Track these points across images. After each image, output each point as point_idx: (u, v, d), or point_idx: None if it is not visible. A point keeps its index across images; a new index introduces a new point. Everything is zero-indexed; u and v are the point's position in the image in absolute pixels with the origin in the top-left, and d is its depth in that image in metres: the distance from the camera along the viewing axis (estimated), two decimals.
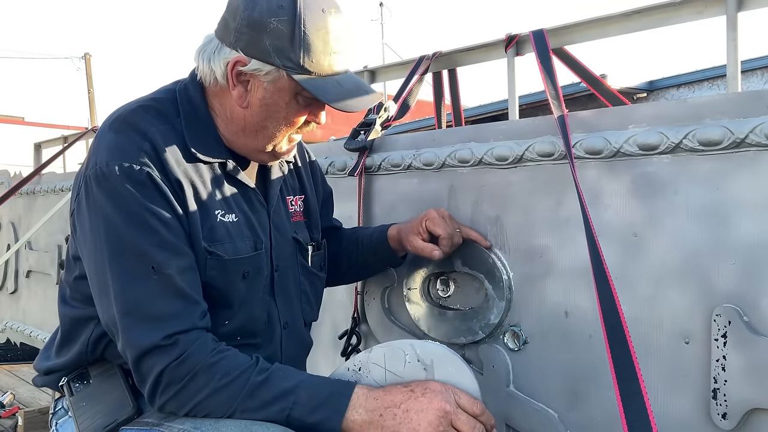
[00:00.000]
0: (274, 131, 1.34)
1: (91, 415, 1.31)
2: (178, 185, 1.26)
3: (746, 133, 1.23)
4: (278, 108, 1.31)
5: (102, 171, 1.22)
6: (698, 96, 8.41)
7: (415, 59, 2.17)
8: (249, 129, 1.34)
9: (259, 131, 1.34)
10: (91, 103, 21.12)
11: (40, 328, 3.64)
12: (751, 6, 1.57)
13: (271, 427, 1.17)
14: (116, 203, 1.21)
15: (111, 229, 1.21)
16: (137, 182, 1.21)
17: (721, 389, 1.27)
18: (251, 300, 1.38)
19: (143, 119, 1.28)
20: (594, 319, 1.43)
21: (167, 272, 1.21)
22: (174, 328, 1.19)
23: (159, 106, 1.33)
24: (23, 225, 3.91)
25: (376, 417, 1.19)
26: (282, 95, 1.30)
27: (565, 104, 1.56)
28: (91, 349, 1.35)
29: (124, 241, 1.20)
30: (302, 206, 1.60)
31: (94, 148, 1.27)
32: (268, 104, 1.31)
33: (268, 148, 1.37)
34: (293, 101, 1.30)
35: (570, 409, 1.48)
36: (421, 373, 1.29)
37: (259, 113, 1.32)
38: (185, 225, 1.26)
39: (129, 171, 1.21)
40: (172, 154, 1.27)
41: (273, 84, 1.29)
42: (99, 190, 1.22)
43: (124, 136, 1.25)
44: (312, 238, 1.60)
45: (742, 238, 1.25)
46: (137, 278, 1.20)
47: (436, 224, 1.58)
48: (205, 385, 1.18)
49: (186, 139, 1.31)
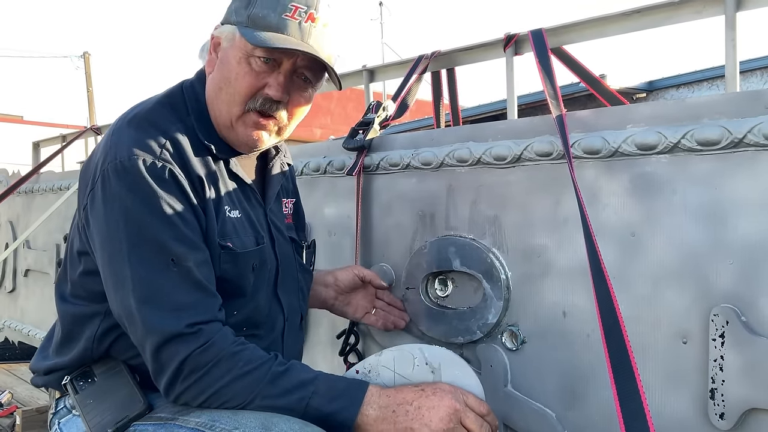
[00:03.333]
0: (226, 96, 1.34)
1: (99, 412, 1.31)
2: (199, 181, 1.29)
3: (744, 133, 1.23)
4: (230, 67, 1.33)
5: (123, 165, 1.23)
6: (697, 96, 8.40)
7: (414, 59, 2.17)
8: (210, 95, 1.37)
9: (217, 96, 1.35)
10: (90, 102, 21.10)
11: (38, 327, 3.63)
12: (749, 6, 1.57)
13: (290, 419, 1.19)
14: (137, 196, 1.23)
15: (131, 220, 1.22)
16: (159, 178, 1.24)
17: (719, 389, 1.27)
18: (259, 292, 1.41)
19: (162, 117, 1.31)
20: (592, 319, 1.43)
21: (186, 265, 1.23)
22: (196, 318, 1.21)
23: (172, 104, 1.36)
24: (21, 224, 3.90)
25: (389, 413, 1.23)
26: (234, 53, 1.32)
27: (564, 104, 1.56)
28: (96, 345, 1.35)
29: (144, 232, 1.22)
30: (292, 209, 1.65)
31: (113, 144, 1.28)
32: (223, 63, 1.34)
33: (228, 122, 1.36)
34: (245, 61, 1.32)
35: (568, 408, 1.48)
36: (428, 376, 1.34)
37: (217, 74, 1.36)
38: (202, 221, 1.29)
39: (152, 167, 1.23)
40: (190, 152, 1.30)
41: (230, 42, 1.34)
42: (119, 183, 1.23)
43: (144, 133, 1.27)
44: (300, 238, 1.66)
45: (740, 238, 1.25)
46: (157, 269, 1.22)
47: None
48: (228, 371, 1.21)
49: (198, 135, 1.34)
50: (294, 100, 1.38)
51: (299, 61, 1.34)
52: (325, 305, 1.75)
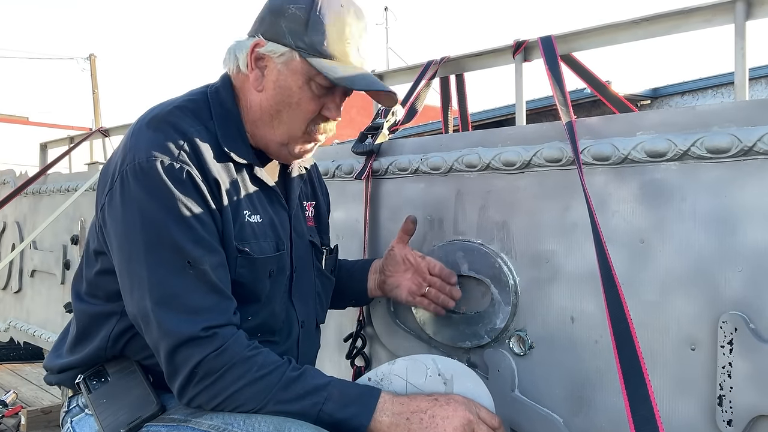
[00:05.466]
0: (287, 118, 1.36)
1: (112, 411, 1.31)
2: (216, 184, 1.29)
3: (754, 141, 1.24)
4: (291, 92, 1.33)
5: (141, 166, 1.23)
6: (703, 103, 8.41)
7: (423, 64, 2.18)
8: (264, 115, 1.37)
9: (274, 117, 1.36)
10: (95, 103, 21.14)
11: (44, 327, 3.64)
12: (760, 15, 1.58)
13: (303, 425, 1.19)
14: (155, 197, 1.23)
15: (148, 222, 1.23)
16: (177, 180, 1.24)
17: (727, 396, 1.27)
18: (274, 298, 1.41)
19: (181, 119, 1.31)
20: (600, 325, 1.43)
21: (202, 267, 1.23)
22: (211, 322, 1.22)
23: (194, 107, 1.36)
24: (28, 225, 3.91)
25: (402, 420, 1.23)
26: (295, 78, 1.33)
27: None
28: (111, 344, 1.36)
29: (162, 234, 1.22)
30: (313, 212, 1.64)
31: (131, 145, 1.28)
32: (281, 87, 1.34)
33: (285, 141, 1.39)
34: (306, 86, 1.33)
35: (575, 414, 1.49)
36: (441, 387, 1.35)
37: (273, 96, 1.35)
38: (219, 224, 1.29)
39: (170, 168, 1.24)
40: (208, 154, 1.30)
41: (286, 66, 1.33)
42: (137, 185, 1.23)
43: (163, 135, 1.27)
44: (323, 242, 1.64)
45: (750, 245, 1.26)
46: (174, 271, 1.22)
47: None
48: (242, 375, 1.21)
49: (219, 140, 1.34)
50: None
51: None
52: (380, 292, 1.73)
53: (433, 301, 1.65)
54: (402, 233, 1.68)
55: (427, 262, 1.65)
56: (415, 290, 1.66)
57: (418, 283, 1.66)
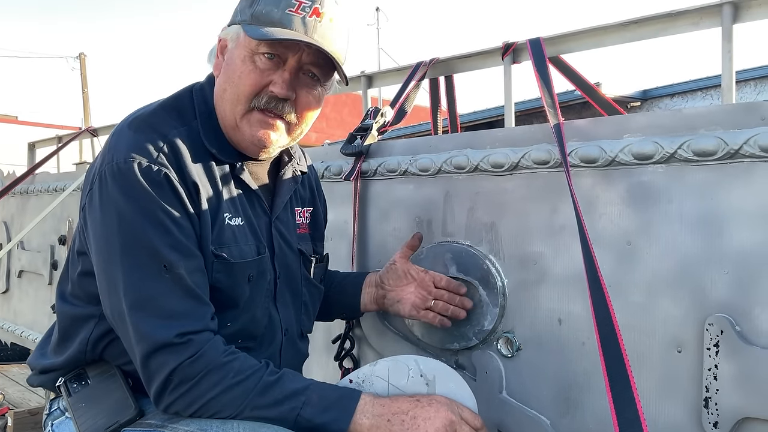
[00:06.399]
0: (231, 95, 1.32)
1: (91, 416, 1.30)
2: (194, 187, 1.27)
3: (740, 144, 1.24)
4: (235, 67, 1.32)
5: (119, 167, 1.22)
6: (692, 106, 8.46)
7: (412, 65, 2.18)
8: (218, 99, 1.36)
9: (223, 98, 1.34)
10: (85, 103, 21.06)
11: (31, 328, 3.62)
12: (746, 18, 1.59)
13: (279, 430, 1.18)
14: (131, 200, 1.21)
15: (124, 224, 1.21)
16: (154, 182, 1.22)
17: (713, 398, 1.28)
18: (254, 303, 1.39)
19: (163, 120, 1.30)
20: (587, 327, 1.44)
21: (179, 272, 1.22)
22: (186, 327, 1.20)
23: (178, 107, 1.35)
24: (16, 225, 3.89)
25: (383, 422, 1.22)
26: (239, 52, 1.31)
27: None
28: (90, 348, 1.35)
29: (138, 237, 1.21)
30: (309, 218, 1.61)
31: (112, 145, 1.27)
32: (228, 64, 1.33)
33: (233, 123, 1.34)
34: (249, 60, 1.30)
35: (562, 415, 1.49)
36: (423, 388, 1.34)
37: (223, 75, 1.34)
38: (196, 227, 1.27)
39: (147, 170, 1.22)
40: (189, 157, 1.28)
41: (235, 43, 1.33)
42: (115, 186, 1.22)
43: (143, 136, 1.26)
44: (315, 250, 1.61)
45: (736, 248, 1.26)
46: (149, 275, 1.21)
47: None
48: (218, 382, 1.19)
49: (203, 139, 1.32)
50: (302, 99, 1.35)
51: (304, 56, 1.31)
52: (376, 306, 1.70)
53: (440, 314, 1.62)
54: (406, 248, 1.66)
55: (431, 276, 1.63)
56: (419, 304, 1.63)
57: (422, 296, 1.63)
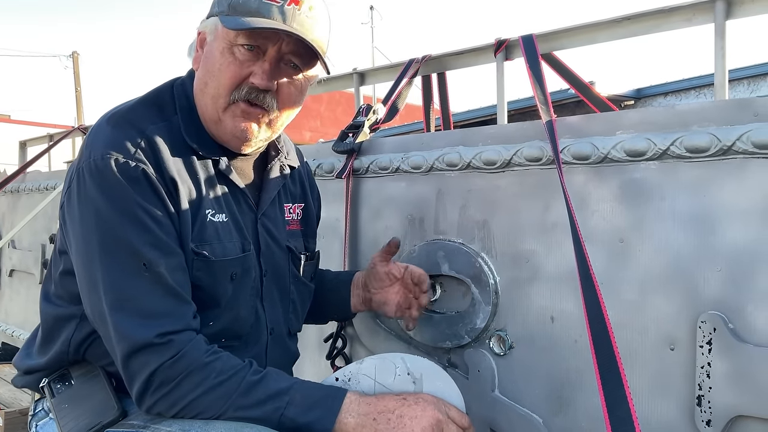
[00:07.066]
0: (212, 89, 1.30)
1: (74, 417, 1.28)
2: (173, 184, 1.25)
3: (733, 141, 1.24)
4: (214, 59, 1.30)
5: (96, 164, 1.20)
6: (685, 104, 8.44)
7: (405, 62, 2.17)
8: (198, 93, 1.34)
9: (202, 91, 1.32)
10: (78, 101, 21.00)
11: (23, 327, 3.60)
12: (739, 14, 1.58)
13: (262, 429, 1.16)
14: (109, 198, 1.19)
15: (102, 222, 1.19)
16: (131, 178, 1.20)
17: (706, 396, 1.27)
18: (238, 302, 1.36)
19: (142, 116, 1.28)
20: (579, 325, 1.43)
21: (158, 270, 1.20)
22: (167, 327, 1.18)
23: (159, 102, 1.33)
24: (7, 223, 3.87)
25: (369, 421, 1.20)
26: (218, 44, 1.29)
27: (553, 110, 1.56)
28: (73, 349, 1.33)
29: (116, 235, 1.19)
30: (300, 214, 1.58)
31: (90, 142, 1.25)
32: (207, 56, 1.31)
33: (216, 117, 1.32)
34: (228, 52, 1.28)
35: (555, 414, 1.48)
36: (410, 386, 1.32)
37: (202, 69, 1.32)
38: (176, 224, 1.25)
39: (124, 166, 1.20)
40: (168, 153, 1.26)
41: (213, 35, 1.31)
42: (92, 183, 1.20)
43: (121, 132, 1.24)
44: (307, 247, 1.59)
45: (729, 244, 1.26)
46: (129, 274, 1.19)
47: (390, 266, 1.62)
48: (200, 383, 1.17)
49: (183, 135, 1.30)
50: (283, 90, 1.32)
51: (284, 46, 1.28)
52: (365, 308, 1.68)
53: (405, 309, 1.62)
54: (384, 253, 1.63)
55: (410, 272, 1.60)
56: (402, 303, 1.62)
57: (406, 296, 1.61)
